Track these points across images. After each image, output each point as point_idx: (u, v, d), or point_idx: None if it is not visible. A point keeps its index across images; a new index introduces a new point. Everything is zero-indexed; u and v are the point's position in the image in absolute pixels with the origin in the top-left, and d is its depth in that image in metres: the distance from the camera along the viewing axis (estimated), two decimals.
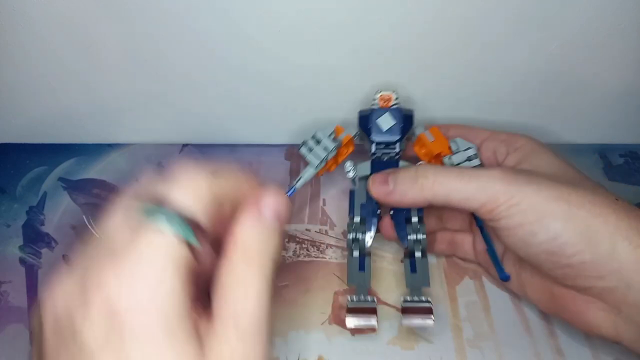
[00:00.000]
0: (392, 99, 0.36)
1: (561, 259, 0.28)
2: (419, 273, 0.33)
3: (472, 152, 0.35)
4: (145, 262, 0.20)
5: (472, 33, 0.35)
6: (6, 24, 0.35)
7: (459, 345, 0.35)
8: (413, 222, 0.34)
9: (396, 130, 0.35)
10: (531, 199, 0.29)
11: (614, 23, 0.34)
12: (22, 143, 0.46)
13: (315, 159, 0.35)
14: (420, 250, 0.33)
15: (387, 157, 0.36)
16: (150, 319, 0.19)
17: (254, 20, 0.34)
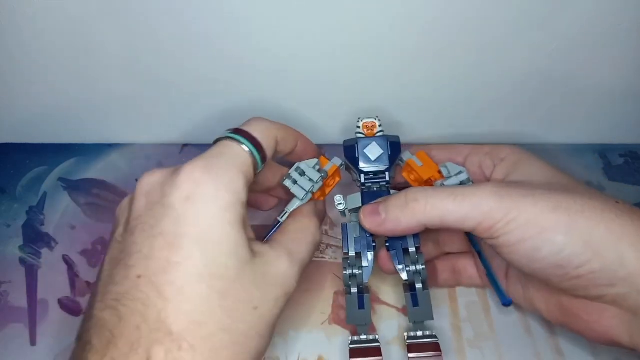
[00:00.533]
0: (376, 125, 0.35)
1: (569, 271, 0.27)
2: (422, 306, 0.32)
3: (464, 177, 0.34)
4: (219, 158, 0.28)
5: (472, 33, 0.35)
6: (6, 24, 0.35)
7: (459, 345, 0.35)
8: (411, 253, 0.32)
9: (384, 159, 0.34)
10: (528, 212, 0.27)
11: (614, 23, 0.34)
12: (22, 143, 0.46)
13: (301, 191, 0.33)
14: (421, 282, 0.32)
15: (377, 186, 0.34)
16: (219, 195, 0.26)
17: (254, 20, 0.34)
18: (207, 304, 0.24)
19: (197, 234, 0.25)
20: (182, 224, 0.25)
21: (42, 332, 0.37)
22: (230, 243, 0.25)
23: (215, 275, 0.24)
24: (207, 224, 0.25)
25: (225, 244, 0.25)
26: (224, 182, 0.26)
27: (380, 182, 0.34)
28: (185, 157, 0.46)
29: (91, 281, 0.39)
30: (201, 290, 0.24)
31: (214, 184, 0.26)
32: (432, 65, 0.38)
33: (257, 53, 0.37)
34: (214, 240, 0.25)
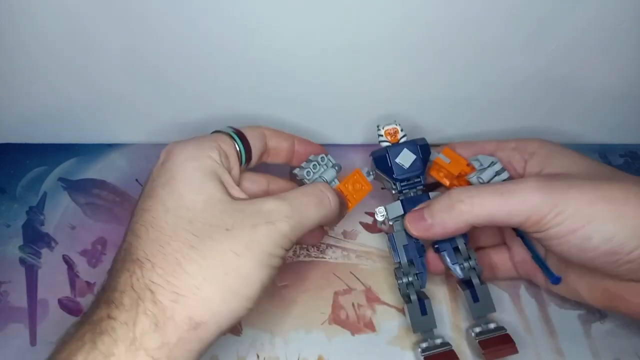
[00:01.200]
0: (399, 131, 0.35)
1: (621, 257, 0.28)
2: (482, 301, 0.32)
3: (498, 167, 0.34)
4: (202, 137, 0.32)
5: (472, 34, 0.35)
6: (6, 24, 0.35)
7: (459, 345, 0.35)
8: (462, 250, 0.33)
9: (418, 164, 0.34)
10: (576, 203, 0.28)
11: (614, 23, 0.34)
12: (22, 143, 0.46)
13: (312, 175, 0.35)
14: (477, 277, 0.33)
15: (413, 192, 0.35)
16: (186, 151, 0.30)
17: (255, 22, 0.34)
18: (172, 229, 0.27)
19: (165, 182, 0.28)
20: (155, 181, 0.29)
21: (42, 332, 0.37)
22: (196, 182, 0.28)
23: (181, 207, 0.27)
24: (175, 170, 0.29)
25: (191, 183, 0.28)
26: (192, 144, 0.30)
27: (417, 186, 0.35)
28: None
29: (91, 281, 0.39)
30: (167, 219, 0.27)
31: (183, 146, 0.30)
32: (432, 66, 0.38)
33: (258, 53, 0.37)
34: (181, 182, 0.28)
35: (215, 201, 0.28)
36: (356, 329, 0.36)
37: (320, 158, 0.35)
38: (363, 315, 0.37)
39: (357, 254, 0.40)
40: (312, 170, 0.35)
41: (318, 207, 0.30)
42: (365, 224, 0.41)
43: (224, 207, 0.28)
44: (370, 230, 0.41)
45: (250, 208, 0.28)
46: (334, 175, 0.35)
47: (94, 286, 0.39)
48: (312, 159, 0.35)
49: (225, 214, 0.27)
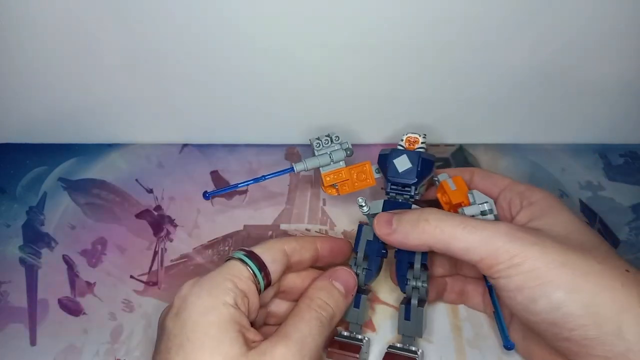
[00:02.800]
0: (419, 141, 0.36)
1: (563, 331, 0.26)
2: (413, 322, 0.32)
3: (487, 207, 0.33)
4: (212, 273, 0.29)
5: (471, 33, 0.35)
6: (6, 24, 0.35)
7: (459, 345, 0.35)
8: (415, 268, 0.33)
9: (412, 173, 0.35)
10: (534, 262, 0.27)
11: (614, 23, 0.34)
12: (22, 143, 0.46)
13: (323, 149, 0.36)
14: (418, 299, 0.32)
15: (401, 198, 0.35)
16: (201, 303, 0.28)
17: (255, 21, 0.34)
18: None
19: (179, 345, 0.27)
20: (170, 340, 0.27)
21: (42, 332, 0.37)
22: (210, 342, 0.26)
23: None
24: (189, 330, 0.27)
25: (206, 345, 0.26)
26: (205, 289, 0.28)
27: (405, 194, 0.35)
28: (185, 157, 0.46)
29: (91, 281, 0.39)
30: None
31: (197, 295, 0.28)
32: (432, 66, 0.38)
33: (258, 53, 0.37)
34: (196, 345, 0.26)
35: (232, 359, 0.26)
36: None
37: (336, 137, 0.36)
38: None
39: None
40: (323, 144, 0.36)
41: (320, 329, 0.29)
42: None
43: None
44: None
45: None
46: (342, 157, 0.36)
47: (93, 286, 0.39)
48: (330, 134, 0.36)
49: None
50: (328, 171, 0.36)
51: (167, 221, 0.42)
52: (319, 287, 0.32)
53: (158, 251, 0.41)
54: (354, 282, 0.33)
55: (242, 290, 0.29)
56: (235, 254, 0.31)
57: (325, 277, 0.33)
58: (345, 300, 0.32)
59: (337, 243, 0.36)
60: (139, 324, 0.37)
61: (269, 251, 0.31)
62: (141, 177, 0.44)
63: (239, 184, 0.37)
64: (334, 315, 0.31)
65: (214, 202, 0.43)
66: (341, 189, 0.37)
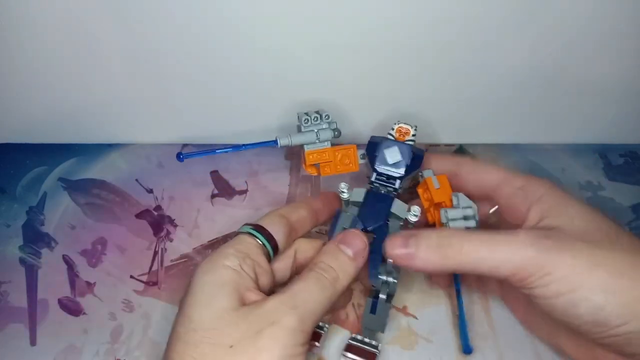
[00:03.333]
0: (410, 133, 0.35)
1: (606, 330, 0.26)
2: (378, 316, 0.32)
3: (470, 212, 0.32)
4: (222, 247, 0.31)
5: (471, 33, 0.35)
6: (6, 24, 0.35)
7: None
8: (388, 263, 0.32)
9: (401, 166, 0.34)
10: (566, 268, 0.27)
11: (614, 23, 0.34)
12: (22, 143, 0.46)
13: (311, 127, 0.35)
14: (387, 294, 0.32)
15: (384, 189, 0.34)
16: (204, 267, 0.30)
17: (255, 21, 0.34)
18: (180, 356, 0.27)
19: (180, 306, 0.29)
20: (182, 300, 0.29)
21: (42, 332, 0.37)
22: (205, 297, 0.28)
23: (189, 331, 0.27)
24: (189, 292, 0.29)
25: (201, 300, 0.28)
26: (209, 257, 0.31)
27: (389, 187, 0.34)
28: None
29: (91, 281, 0.39)
30: (177, 348, 0.27)
31: (201, 264, 0.30)
32: (432, 66, 0.38)
33: (257, 53, 0.37)
34: (191, 301, 0.28)
35: (222, 314, 0.27)
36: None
37: (325, 115, 0.35)
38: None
39: None
40: (312, 121, 0.35)
41: (319, 289, 0.29)
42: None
43: (231, 319, 0.27)
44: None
45: (255, 313, 0.27)
46: (329, 136, 0.35)
47: (93, 286, 0.39)
48: (320, 111, 0.35)
49: (231, 327, 0.27)
50: (312, 149, 0.35)
51: (167, 221, 0.42)
52: (324, 251, 0.32)
53: (158, 251, 0.41)
54: (363, 245, 0.32)
55: (245, 252, 0.30)
56: (241, 228, 0.33)
57: (333, 242, 0.32)
58: (354, 263, 0.31)
59: (325, 194, 0.37)
60: (139, 324, 0.37)
61: (267, 217, 0.33)
62: (141, 177, 0.44)
63: (217, 150, 0.35)
64: (337, 278, 0.30)
65: (214, 202, 0.43)
66: (322, 170, 0.35)
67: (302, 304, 0.28)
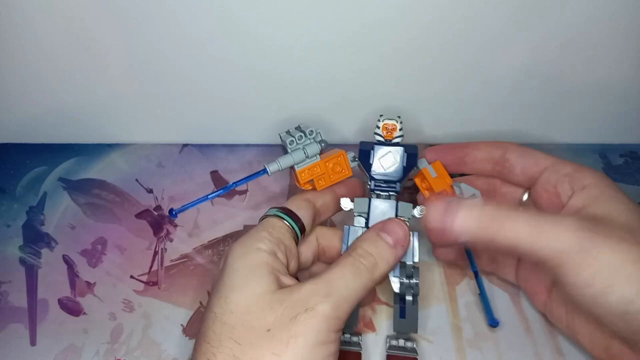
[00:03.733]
0: (397, 128, 0.34)
1: (635, 323, 0.26)
2: (408, 319, 0.32)
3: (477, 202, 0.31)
4: (254, 230, 0.31)
5: (471, 33, 0.35)
6: (6, 24, 0.35)
7: (459, 345, 0.35)
8: (407, 266, 0.32)
9: (398, 171, 0.34)
10: (607, 259, 0.26)
11: (614, 23, 0.34)
12: (22, 143, 0.46)
13: (293, 144, 0.33)
14: (412, 295, 0.32)
15: (385, 194, 0.34)
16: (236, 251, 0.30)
17: (254, 21, 0.34)
18: (218, 339, 0.27)
19: (216, 289, 0.29)
20: (212, 289, 0.30)
21: (42, 332, 0.37)
22: (240, 280, 0.28)
23: (226, 312, 0.27)
24: (225, 274, 0.29)
25: (236, 283, 0.28)
26: (241, 240, 0.30)
27: (390, 191, 0.34)
28: (185, 157, 0.46)
29: (91, 281, 0.39)
30: (215, 328, 0.27)
31: (234, 246, 0.30)
32: (430, 65, 0.38)
33: (257, 53, 0.37)
34: (227, 284, 0.28)
35: (257, 297, 0.27)
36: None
37: (309, 131, 0.34)
38: (363, 315, 0.37)
39: None
40: (297, 141, 0.33)
41: (355, 275, 0.29)
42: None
43: (266, 302, 0.27)
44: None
45: (290, 298, 0.27)
46: (318, 150, 0.34)
47: (94, 286, 0.39)
48: (302, 128, 0.34)
49: (267, 311, 0.27)
50: (303, 168, 0.34)
51: (167, 221, 0.42)
52: (363, 237, 0.31)
53: (158, 251, 0.41)
54: (404, 233, 0.31)
55: (277, 237, 0.30)
56: (268, 211, 0.33)
57: (373, 229, 0.32)
58: (394, 251, 0.31)
59: (349, 181, 0.35)
60: (139, 324, 0.37)
61: (294, 201, 0.33)
62: (141, 177, 0.44)
63: (208, 196, 0.34)
64: (375, 265, 0.30)
65: (214, 202, 0.43)
66: (317, 184, 0.34)
67: (336, 290, 0.28)
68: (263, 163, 0.33)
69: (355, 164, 0.35)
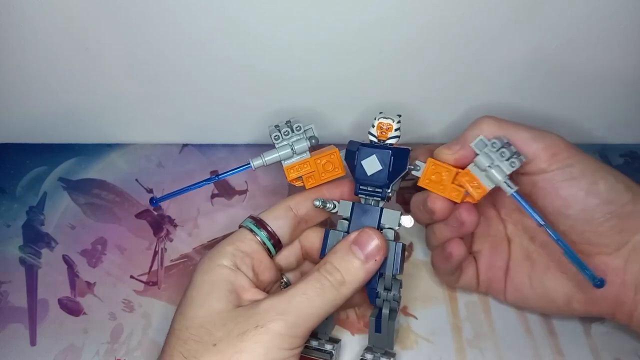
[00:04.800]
0: (392, 129, 0.31)
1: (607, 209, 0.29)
2: (384, 334, 0.30)
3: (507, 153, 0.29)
4: (221, 243, 0.31)
5: (471, 32, 0.35)
6: (6, 24, 0.35)
7: (459, 345, 0.35)
8: (386, 277, 0.30)
9: (382, 177, 0.30)
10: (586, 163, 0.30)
11: (614, 23, 0.34)
12: (22, 143, 0.46)
13: (281, 141, 0.32)
14: (389, 310, 0.30)
15: (372, 200, 0.31)
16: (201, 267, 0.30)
17: (254, 21, 0.34)
18: (170, 352, 0.27)
19: (181, 302, 0.30)
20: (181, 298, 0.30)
21: (42, 332, 0.37)
22: (199, 297, 0.29)
23: (182, 327, 0.28)
24: (188, 289, 0.30)
25: (195, 299, 0.29)
26: (208, 255, 0.31)
27: (375, 197, 0.31)
28: (185, 157, 0.46)
29: (91, 281, 0.39)
30: (170, 341, 0.28)
31: (200, 261, 0.31)
32: (431, 66, 0.38)
33: (257, 53, 0.37)
34: (188, 299, 0.29)
35: (213, 314, 0.28)
36: (356, 329, 0.36)
37: (297, 127, 0.32)
38: (363, 315, 0.37)
39: None
40: (282, 136, 0.32)
41: (319, 292, 0.28)
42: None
43: (221, 319, 0.28)
44: None
45: (244, 314, 0.27)
46: (306, 147, 0.32)
47: (94, 286, 0.39)
48: (292, 123, 0.32)
49: (218, 327, 0.27)
50: (291, 164, 0.32)
51: (167, 221, 0.42)
52: (334, 250, 0.30)
53: (158, 251, 0.41)
54: (377, 246, 0.29)
55: (244, 251, 0.31)
56: (244, 221, 0.33)
57: (345, 240, 0.30)
58: (365, 266, 0.29)
59: (342, 184, 0.34)
60: (139, 324, 0.37)
61: (273, 210, 0.33)
62: (141, 177, 0.44)
63: (191, 186, 0.34)
64: (342, 282, 0.28)
65: (214, 202, 0.43)
66: (307, 181, 0.33)
67: (295, 308, 0.27)
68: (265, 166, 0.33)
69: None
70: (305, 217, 0.33)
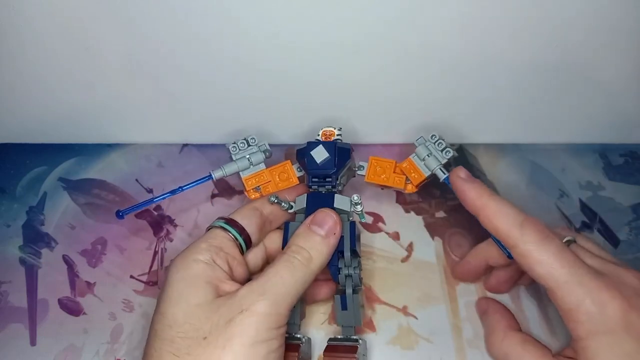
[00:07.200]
0: (334, 134, 0.37)
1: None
2: (350, 311, 0.32)
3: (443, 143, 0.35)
4: (194, 242, 0.32)
5: (471, 31, 0.35)
6: (6, 24, 0.35)
7: (459, 345, 0.35)
8: (345, 256, 0.32)
9: (330, 164, 0.35)
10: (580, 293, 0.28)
11: (614, 23, 0.34)
12: (22, 143, 0.46)
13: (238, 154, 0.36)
14: (352, 286, 0.32)
15: (323, 189, 0.35)
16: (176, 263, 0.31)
17: (254, 20, 0.34)
18: (159, 354, 0.27)
19: (156, 304, 0.30)
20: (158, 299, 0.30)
21: (42, 332, 0.37)
22: (176, 294, 0.29)
23: (165, 327, 0.28)
24: (163, 289, 0.30)
25: (173, 296, 0.29)
26: (180, 254, 0.31)
27: (327, 185, 0.35)
28: (185, 157, 0.46)
29: (91, 281, 0.39)
30: (155, 344, 0.28)
31: (174, 260, 0.31)
32: (432, 67, 0.38)
33: (256, 53, 0.37)
34: (165, 299, 0.29)
35: (194, 308, 0.28)
36: (356, 329, 0.36)
37: (251, 139, 0.36)
38: (363, 315, 0.37)
39: None
40: (239, 148, 0.37)
41: (290, 271, 0.30)
42: (365, 223, 0.41)
43: (203, 312, 0.28)
44: (369, 230, 0.41)
45: (226, 304, 0.28)
46: (262, 159, 0.36)
47: (94, 286, 0.39)
48: (248, 137, 0.37)
49: (203, 320, 0.28)
50: (249, 175, 0.36)
51: (167, 221, 0.42)
52: (296, 234, 0.32)
53: (158, 251, 0.41)
54: (334, 221, 0.32)
55: (217, 246, 0.31)
56: (213, 222, 0.34)
57: (304, 224, 0.33)
58: (327, 241, 0.32)
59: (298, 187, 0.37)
60: (139, 324, 0.37)
61: (240, 211, 0.35)
62: (141, 177, 0.44)
63: (154, 199, 0.37)
64: (310, 258, 0.31)
65: (214, 202, 0.43)
66: (264, 190, 0.36)
67: (272, 288, 0.29)
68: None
69: (302, 174, 0.37)
70: (269, 216, 0.35)
